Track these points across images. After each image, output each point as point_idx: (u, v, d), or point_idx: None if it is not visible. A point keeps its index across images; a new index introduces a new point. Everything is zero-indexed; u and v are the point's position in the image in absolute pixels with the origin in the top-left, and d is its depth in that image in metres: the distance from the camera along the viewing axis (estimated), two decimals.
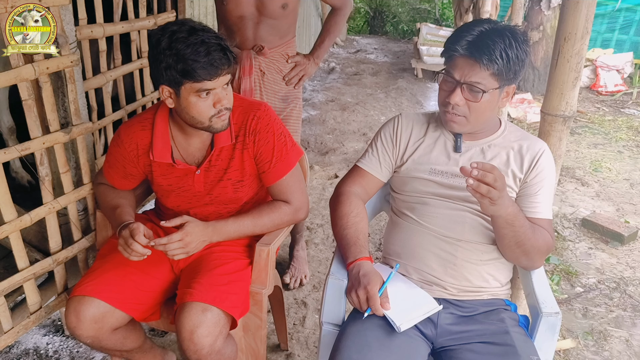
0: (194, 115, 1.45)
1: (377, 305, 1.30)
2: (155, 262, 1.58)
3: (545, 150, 1.45)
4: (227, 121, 1.50)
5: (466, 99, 1.36)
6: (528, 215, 1.41)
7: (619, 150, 4.68)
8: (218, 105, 1.44)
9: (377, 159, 1.56)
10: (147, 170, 1.63)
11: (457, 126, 1.42)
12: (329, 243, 2.93)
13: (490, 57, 1.31)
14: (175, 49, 1.35)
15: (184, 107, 1.45)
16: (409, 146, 1.53)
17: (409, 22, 9.76)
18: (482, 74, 1.33)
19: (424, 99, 5.74)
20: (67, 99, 1.63)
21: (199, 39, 1.35)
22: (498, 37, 1.32)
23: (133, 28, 2.13)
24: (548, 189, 1.44)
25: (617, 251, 3.09)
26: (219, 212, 1.66)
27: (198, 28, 1.38)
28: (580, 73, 1.47)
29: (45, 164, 1.57)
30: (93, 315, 1.45)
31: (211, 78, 1.38)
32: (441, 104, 1.44)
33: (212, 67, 1.37)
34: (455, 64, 1.37)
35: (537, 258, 1.43)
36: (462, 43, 1.35)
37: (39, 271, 1.62)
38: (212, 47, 1.36)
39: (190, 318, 1.40)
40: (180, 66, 1.36)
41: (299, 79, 2.31)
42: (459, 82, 1.35)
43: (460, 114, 1.39)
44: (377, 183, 1.59)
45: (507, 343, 1.30)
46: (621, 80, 6.26)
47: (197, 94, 1.41)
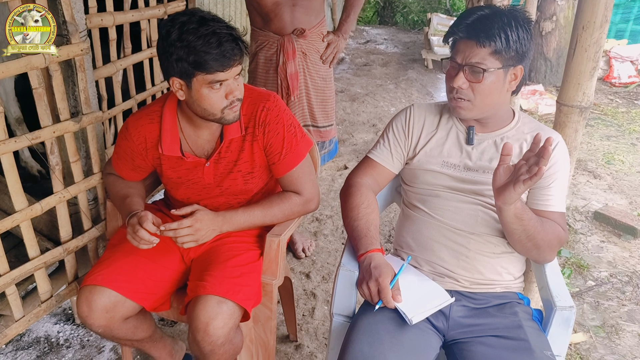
0: (205, 107, 1.44)
1: (389, 297, 1.28)
2: (165, 252, 1.58)
3: (559, 142, 1.42)
4: (238, 112, 1.48)
5: (469, 81, 1.35)
6: (540, 208, 1.39)
7: (632, 142, 4.62)
8: (230, 97, 1.42)
9: (388, 150, 1.54)
10: (156, 163, 1.62)
11: (464, 111, 1.40)
12: (339, 234, 2.92)
13: (486, 34, 1.31)
14: (186, 40, 1.33)
15: (196, 99, 1.43)
16: (421, 138, 1.51)
17: (419, 13, 9.67)
18: (481, 53, 1.33)
19: (434, 90, 5.69)
20: (78, 88, 1.62)
21: (210, 29, 1.33)
22: (497, 17, 1.33)
23: (143, 17, 2.12)
24: (561, 181, 1.41)
25: (629, 245, 3.05)
26: (229, 203, 1.65)
27: (208, 18, 1.36)
28: (598, 63, 1.44)
29: (55, 153, 1.56)
30: (104, 305, 1.45)
31: (224, 69, 1.37)
32: (448, 91, 1.43)
33: (224, 58, 1.35)
34: (457, 49, 1.38)
35: (549, 251, 1.40)
36: (461, 26, 1.36)
37: (49, 260, 1.62)
38: (223, 38, 1.34)
39: (206, 310, 1.39)
40: (191, 58, 1.34)
41: (333, 56, 2.39)
42: (460, 65, 1.35)
43: (465, 98, 1.38)
44: (388, 174, 1.57)
45: (520, 337, 1.28)
46: (635, 72, 6.17)
47: (209, 86, 1.39)
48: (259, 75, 2.37)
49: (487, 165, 1.42)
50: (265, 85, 2.33)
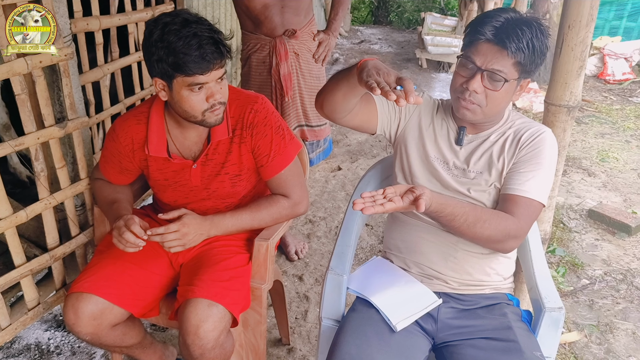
0: (186, 109, 1.42)
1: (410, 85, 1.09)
2: (154, 257, 1.57)
3: (544, 132, 1.38)
4: (221, 115, 1.46)
5: (485, 87, 1.29)
6: (510, 192, 1.33)
7: (626, 139, 4.62)
8: (211, 100, 1.41)
9: (388, 104, 1.45)
10: (143, 165, 1.61)
11: (470, 114, 1.34)
12: (332, 236, 2.91)
13: (518, 45, 1.25)
14: (167, 41, 1.32)
15: (177, 100, 1.42)
16: (416, 119, 1.47)
17: (413, 12, 9.67)
18: (505, 62, 1.27)
19: (429, 89, 5.68)
20: (63, 93, 1.61)
21: (191, 31, 1.32)
22: (526, 26, 1.26)
23: (130, 20, 2.11)
24: (541, 169, 1.34)
25: (624, 242, 3.05)
26: (217, 207, 1.64)
27: (191, 20, 1.34)
28: (585, 62, 1.43)
29: (40, 159, 1.55)
30: (91, 312, 1.43)
31: (203, 72, 1.35)
32: (455, 90, 1.35)
33: (203, 60, 1.33)
34: (477, 49, 1.29)
35: (495, 244, 1.33)
36: (488, 28, 1.27)
37: (36, 267, 1.60)
38: (204, 41, 1.32)
39: (197, 313, 1.38)
40: (171, 59, 1.33)
41: (325, 54, 2.40)
42: (479, 69, 1.28)
43: (476, 102, 1.31)
44: (372, 118, 1.46)
45: (509, 339, 1.28)
46: (629, 69, 6.18)
47: (189, 88, 1.38)
48: (252, 78, 2.36)
49: (473, 167, 1.40)
50: (259, 88, 2.32)
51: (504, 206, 1.33)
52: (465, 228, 1.28)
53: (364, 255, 2.77)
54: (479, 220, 1.28)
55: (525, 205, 1.32)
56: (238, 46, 3.30)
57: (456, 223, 1.28)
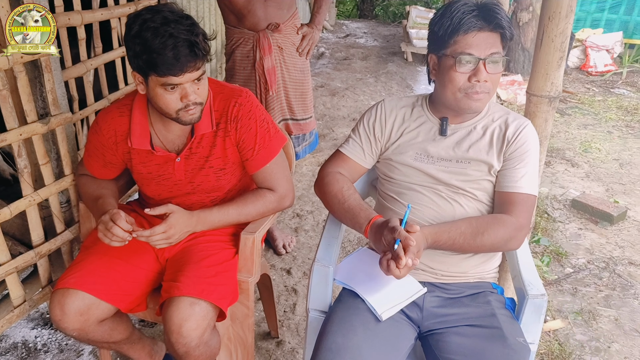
0: (160, 106, 1.42)
1: (403, 232, 1.23)
2: (140, 252, 1.57)
3: (527, 125, 1.42)
4: (197, 115, 1.45)
5: (489, 73, 1.33)
6: (508, 190, 1.38)
7: (608, 130, 4.68)
8: (185, 100, 1.40)
9: (360, 146, 1.53)
10: (126, 158, 1.60)
11: (481, 104, 1.38)
12: (319, 230, 2.92)
13: (501, 22, 1.32)
14: (143, 38, 1.31)
15: (152, 96, 1.42)
16: (393, 132, 1.50)
17: (398, 5, 9.68)
18: (497, 42, 1.34)
19: (414, 82, 5.71)
20: (45, 89, 1.60)
21: (168, 31, 1.30)
22: (494, 5, 1.33)
23: (113, 15, 2.09)
24: (530, 163, 1.40)
25: (606, 231, 3.10)
26: (202, 201, 1.64)
27: (171, 19, 1.32)
28: (565, 53, 1.45)
29: (23, 156, 1.54)
30: (78, 308, 1.43)
31: (175, 74, 1.34)
32: (460, 90, 1.35)
33: (176, 62, 1.31)
34: (468, 42, 1.32)
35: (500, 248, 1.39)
36: (470, 19, 1.31)
37: (21, 265, 1.59)
38: (179, 42, 1.30)
39: (179, 312, 1.38)
40: (145, 57, 1.32)
41: (309, 48, 2.41)
42: (480, 59, 1.32)
43: (485, 91, 1.36)
44: (360, 169, 1.57)
45: (493, 325, 1.30)
46: (611, 60, 6.26)
47: (163, 87, 1.37)
48: (236, 73, 2.36)
49: (462, 155, 1.42)
50: (244, 83, 2.32)
51: (503, 205, 1.39)
52: (468, 246, 1.34)
53: (350, 247, 2.78)
54: (478, 234, 1.33)
55: (523, 201, 1.37)
56: (222, 41, 3.28)
57: (457, 245, 1.33)
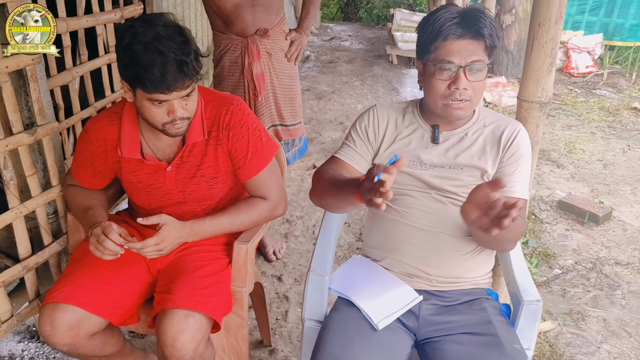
0: (147, 118, 1.41)
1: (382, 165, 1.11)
2: (130, 263, 1.54)
3: (520, 130, 1.43)
4: (184, 128, 1.43)
5: (471, 81, 1.33)
6: (504, 195, 1.39)
7: (591, 131, 4.75)
8: (171, 115, 1.38)
9: (355, 150, 1.52)
10: (116, 167, 1.58)
11: (463, 112, 1.38)
12: (309, 235, 2.91)
13: (486, 30, 1.31)
14: (133, 51, 1.29)
15: (139, 107, 1.41)
16: (385, 138, 1.50)
17: (382, 8, 9.72)
18: (479, 50, 1.33)
19: (400, 85, 5.72)
20: (31, 98, 1.56)
21: (158, 48, 1.28)
22: (478, 12, 1.33)
23: (98, 22, 2.05)
24: (524, 168, 1.42)
25: (592, 232, 3.13)
26: (193, 210, 1.62)
27: (163, 35, 1.29)
28: (555, 59, 1.46)
29: (9, 168, 1.50)
30: (68, 322, 1.40)
31: (163, 92, 1.32)
32: (442, 96, 1.36)
33: (164, 81, 1.30)
34: (450, 49, 1.32)
35: (509, 244, 1.42)
36: (450, 27, 1.31)
37: (8, 279, 1.56)
38: (168, 62, 1.28)
39: (173, 325, 1.36)
40: (132, 71, 1.31)
41: (298, 53, 2.40)
42: (460, 67, 1.32)
43: (467, 99, 1.35)
44: (356, 174, 1.55)
45: (490, 333, 1.30)
46: (592, 62, 6.34)
47: (150, 101, 1.36)
48: (225, 79, 2.34)
49: (454, 162, 1.42)
50: (232, 89, 2.30)
51: None
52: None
53: (342, 253, 2.77)
54: None
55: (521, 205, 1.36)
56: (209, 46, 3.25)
57: None
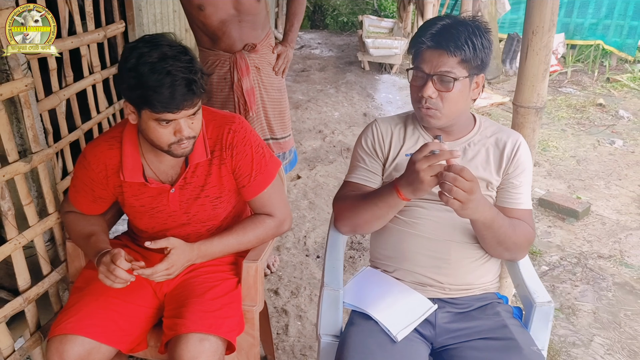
0: (152, 139, 1.39)
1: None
2: (136, 288, 1.51)
3: (522, 142, 1.47)
4: (189, 148, 1.42)
5: (438, 90, 1.35)
6: (510, 207, 1.43)
7: (562, 128, 4.90)
8: (178, 135, 1.37)
9: (367, 169, 1.52)
10: (117, 192, 1.55)
11: (433, 120, 1.40)
12: (301, 247, 2.90)
13: (456, 44, 1.33)
14: (139, 72, 1.27)
15: (144, 128, 1.38)
16: (391, 150, 1.51)
17: (348, 14, 9.81)
18: (450, 62, 1.34)
19: (374, 91, 5.78)
20: (24, 125, 1.52)
21: (166, 68, 1.27)
22: (461, 27, 1.35)
23: (82, 42, 2.01)
24: (527, 179, 1.46)
25: (573, 227, 3.23)
26: (198, 231, 1.60)
27: (169, 55, 1.29)
28: (549, 65, 1.51)
29: (7, 198, 1.45)
30: (78, 354, 1.36)
31: (172, 111, 1.31)
32: (414, 101, 1.42)
33: (173, 101, 1.29)
34: (423, 58, 1.37)
35: (519, 252, 1.46)
36: (427, 36, 1.36)
37: (9, 312, 1.50)
38: (177, 81, 1.28)
39: (189, 349, 1.34)
40: (140, 92, 1.29)
41: (284, 67, 2.40)
42: (429, 75, 1.35)
43: (434, 107, 1.38)
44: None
45: (507, 337, 1.32)
46: (556, 61, 6.56)
47: (157, 122, 1.34)
48: (214, 95, 2.32)
49: None
50: (222, 105, 2.29)
51: None
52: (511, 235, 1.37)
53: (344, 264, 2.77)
54: (511, 225, 1.37)
55: (527, 216, 1.44)
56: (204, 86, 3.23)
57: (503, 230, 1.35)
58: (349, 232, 1.54)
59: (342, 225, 1.51)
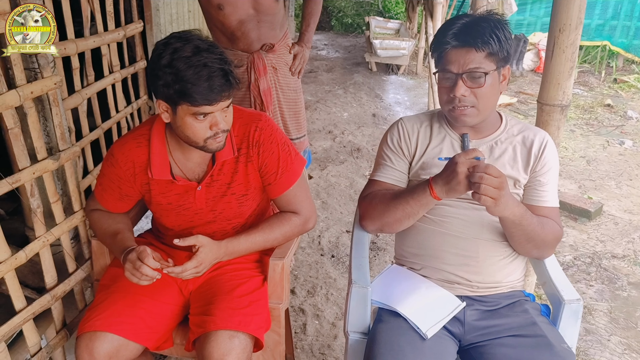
0: (188, 135, 1.39)
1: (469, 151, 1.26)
2: (163, 286, 1.52)
3: (548, 140, 1.47)
4: (223, 142, 1.43)
5: (470, 87, 1.35)
6: (537, 204, 1.43)
7: (570, 129, 4.90)
8: (215, 128, 1.38)
9: (394, 168, 1.53)
10: (144, 190, 1.55)
11: (469, 118, 1.40)
12: (316, 246, 2.90)
13: (482, 38, 1.33)
14: (176, 68, 1.28)
15: (179, 125, 1.38)
16: (418, 149, 1.52)
17: (354, 16, 9.83)
18: (478, 58, 1.34)
19: (382, 92, 5.79)
20: (52, 123, 1.52)
21: (202, 61, 1.28)
22: (484, 22, 1.35)
23: (104, 42, 2.02)
24: (554, 177, 1.47)
25: (586, 227, 3.23)
26: (223, 229, 1.60)
27: (202, 48, 1.30)
28: (575, 63, 1.51)
29: (36, 195, 1.46)
30: (107, 351, 1.37)
31: (210, 103, 1.32)
32: (445, 103, 1.41)
33: (211, 92, 1.30)
34: (448, 59, 1.37)
35: (547, 250, 1.46)
36: (449, 37, 1.36)
37: (37, 310, 1.51)
38: (214, 72, 1.29)
39: (218, 346, 1.34)
40: (178, 87, 1.29)
41: (301, 67, 2.39)
42: (457, 74, 1.35)
43: (470, 105, 1.37)
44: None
45: (537, 334, 1.32)
46: None
47: (194, 116, 1.35)
48: None
49: None
50: (238, 104, 2.28)
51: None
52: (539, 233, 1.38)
53: None
54: (539, 223, 1.37)
55: (554, 213, 1.44)
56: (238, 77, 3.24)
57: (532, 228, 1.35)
58: (375, 230, 1.54)
59: (370, 224, 1.51)
